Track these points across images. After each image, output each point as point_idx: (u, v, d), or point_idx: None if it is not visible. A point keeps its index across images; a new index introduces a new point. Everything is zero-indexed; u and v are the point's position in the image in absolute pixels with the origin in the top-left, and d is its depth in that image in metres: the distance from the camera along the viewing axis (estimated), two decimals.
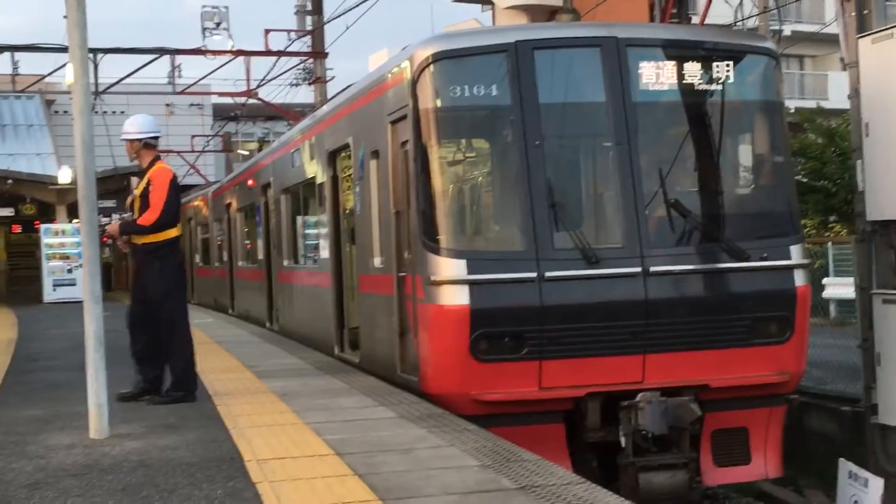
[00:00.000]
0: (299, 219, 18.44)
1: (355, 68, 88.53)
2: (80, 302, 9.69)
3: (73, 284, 35.88)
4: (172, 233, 11.14)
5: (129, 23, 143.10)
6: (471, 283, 10.26)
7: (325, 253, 15.64)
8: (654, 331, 10.45)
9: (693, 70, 10.94)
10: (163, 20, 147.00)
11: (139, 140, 11.23)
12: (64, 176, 36.98)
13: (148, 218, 10.91)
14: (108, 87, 32.36)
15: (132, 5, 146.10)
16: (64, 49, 26.68)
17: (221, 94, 39.09)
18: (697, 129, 11.25)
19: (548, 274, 10.26)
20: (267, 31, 31.65)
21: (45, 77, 34.50)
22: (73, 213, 36.55)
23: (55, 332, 22.37)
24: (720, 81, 10.99)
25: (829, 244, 20.85)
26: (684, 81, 10.92)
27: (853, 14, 12.70)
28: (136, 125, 11.25)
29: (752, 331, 10.72)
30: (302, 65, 34.19)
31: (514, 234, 10.73)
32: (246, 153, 54.28)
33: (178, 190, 11.21)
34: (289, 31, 33.19)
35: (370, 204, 12.76)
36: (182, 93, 35.19)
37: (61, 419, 10.25)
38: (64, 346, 18.23)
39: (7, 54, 30.97)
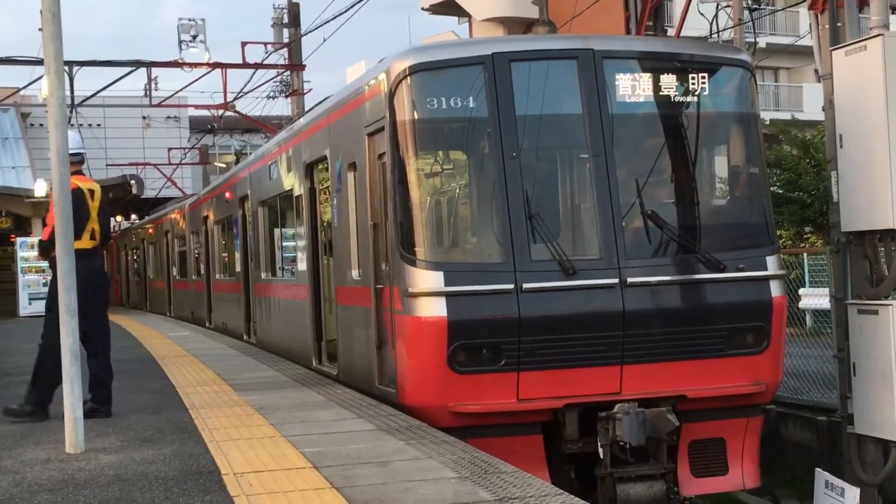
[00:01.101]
0: (277, 231, 18.40)
1: (332, 81, 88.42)
2: None
3: None
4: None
5: (105, 36, 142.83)
6: (448, 295, 10.25)
7: (302, 265, 15.60)
8: (631, 342, 10.47)
9: (669, 82, 10.99)
10: (139, 33, 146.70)
11: None
12: (39, 189, 36.81)
13: (45, 232, 10.86)
14: (85, 100, 32.31)
15: (108, 18, 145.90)
16: (39, 62, 26.63)
17: (198, 107, 39.08)
18: (673, 140, 11.29)
19: (525, 285, 10.27)
20: (244, 44, 31.66)
21: (20, 90, 34.39)
22: None
23: (30, 346, 22.16)
24: (696, 93, 11.05)
25: (805, 255, 20.87)
26: (660, 93, 10.98)
27: (827, 27, 12.75)
28: None
29: (729, 341, 10.75)
30: (279, 77, 34.18)
31: (492, 246, 10.72)
32: (223, 166, 54.22)
33: (80, 202, 10.85)
34: (266, 44, 33.20)
35: (348, 216, 12.73)
36: (158, 105, 35.13)
37: (37, 434, 10.16)
38: None
39: None
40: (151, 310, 39.48)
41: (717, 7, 18.97)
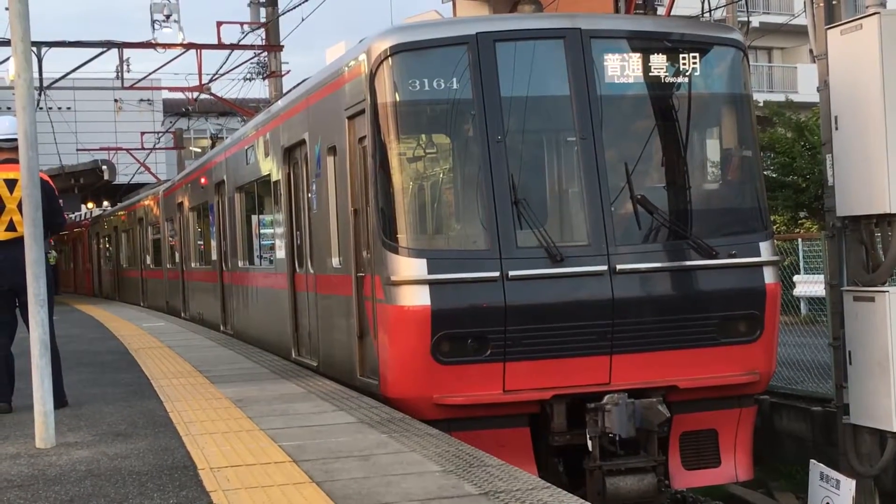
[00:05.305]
0: (254, 218, 18.22)
1: (311, 62, 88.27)
2: None
3: None
4: None
5: (74, 15, 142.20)
6: (431, 283, 10.13)
7: (280, 253, 15.41)
8: (620, 331, 10.36)
9: (659, 62, 10.87)
10: (110, 12, 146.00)
11: None
12: None
13: None
14: (54, 82, 31.90)
15: None
16: (6, 42, 26.20)
17: (172, 89, 38.76)
18: (664, 123, 11.18)
19: (511, 273, 10.14)
20: (219, 24, 31.27)
21: None
22: None
23: None
24: (687, 74, 10.93)
25: (799, 241, 20.84)
26: (650, 74, 10.86)
27: (821, 5, 12.61)
28: None
29: (722, 330, 10.66)
30: (256, 58, 33.80)
31: (477, 233, 10.59)
32: (198, 150, 53.92)
33: None
34: (242, 24, 32.75)
35: (327, 202, 12.58)
36: (131, 88, 34.82)
37: (6, 428, 9.99)
38: None
39: None
40: (124, 300, 39.22)
41: None
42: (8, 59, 28.37)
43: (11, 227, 10.61)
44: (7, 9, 9.04)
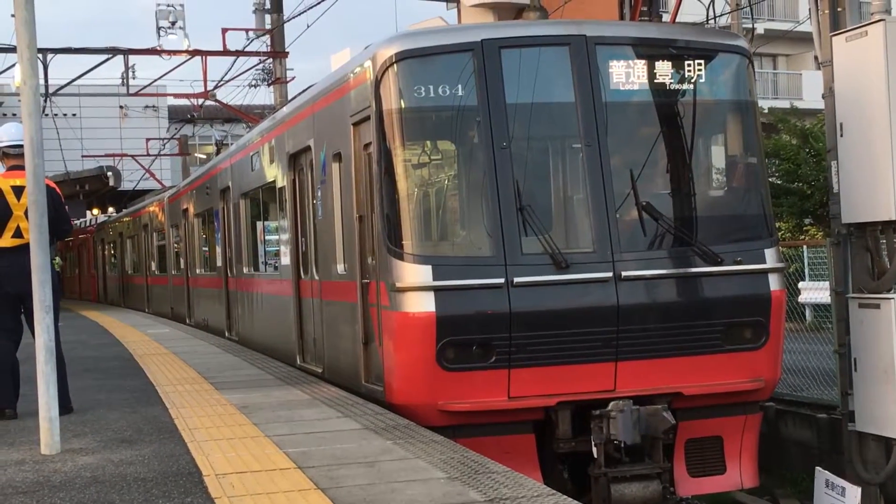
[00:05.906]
0: (259, 224, 18.20)
1: (317, 68, 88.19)
2: None
3: None
4: None
5: (80, 22, 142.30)
6: (436, 290, 10.11)
7: (285, 259, 15.39)
8: (625, 337, 10.33)
9: (664, 69, 10.85)
10: (116, 19, 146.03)
11: None
12: None
13: None
14: (59, 89, 31.90)
15: (83, 4, 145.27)
16: (12, 49, 26.19)
17: (177, 96, 38.60)
18: (669, 129, 11.15)
19: (516, 280, 10.12)
20: (224, 30, 31.17)
21: None
22: None
23: None
24: (692, 81, 10.93)
25: (805, 247, 20.81)
26: (655, 81, 10.85)
27: (826, 12, 12.64)
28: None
29: (727, 337, 10.62)
30: (261, 65, 33.82)
31: (482, 239, 10.57)
32: (203, 157, 53.89)
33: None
34: (247, 30, 32.71)
35: (332, 208, 12.57)
36: (136, 94, 34.74)
37: (11, 434, 9.97)
38: None
39: None
40: (129, 306, 39.18)
41: None
42: (14, 65, 28.36)
43: (18, 233, 10.62)
44: (13, 16, 9.03)
